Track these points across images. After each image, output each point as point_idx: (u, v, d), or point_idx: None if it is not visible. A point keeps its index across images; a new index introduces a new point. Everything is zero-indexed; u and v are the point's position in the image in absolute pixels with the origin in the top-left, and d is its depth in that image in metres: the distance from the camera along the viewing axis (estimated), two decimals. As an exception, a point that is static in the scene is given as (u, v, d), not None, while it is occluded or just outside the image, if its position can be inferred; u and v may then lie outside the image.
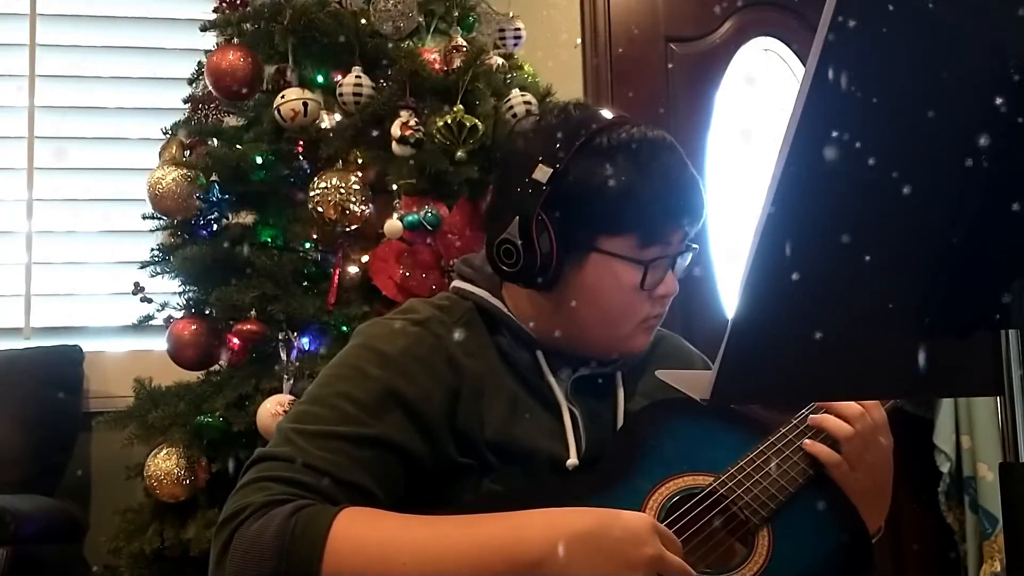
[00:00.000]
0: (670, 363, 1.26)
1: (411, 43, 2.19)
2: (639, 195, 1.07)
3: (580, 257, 1.10)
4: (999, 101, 0.60)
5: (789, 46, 3.00)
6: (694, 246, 1.15)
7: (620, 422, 1.16)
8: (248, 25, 2.16)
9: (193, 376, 2.10)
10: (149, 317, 2.17)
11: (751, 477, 1.08)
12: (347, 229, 2.02)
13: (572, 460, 1.10)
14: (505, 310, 1.15)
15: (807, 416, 1.14)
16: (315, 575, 0.90)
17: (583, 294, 1.11)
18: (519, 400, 1.11)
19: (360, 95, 2.07)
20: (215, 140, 2.19)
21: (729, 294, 2.86)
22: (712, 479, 1.08)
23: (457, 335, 1.11)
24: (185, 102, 2.30)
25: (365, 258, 2.04)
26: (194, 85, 2.31)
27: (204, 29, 2.24)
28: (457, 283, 1.20)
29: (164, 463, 1.94)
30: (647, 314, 1.13)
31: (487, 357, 1.12)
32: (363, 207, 2.00)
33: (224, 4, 2.20)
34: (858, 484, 1.11)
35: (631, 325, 1.13)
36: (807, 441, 1.12)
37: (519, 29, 2.39)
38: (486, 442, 1.06)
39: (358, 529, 0.93)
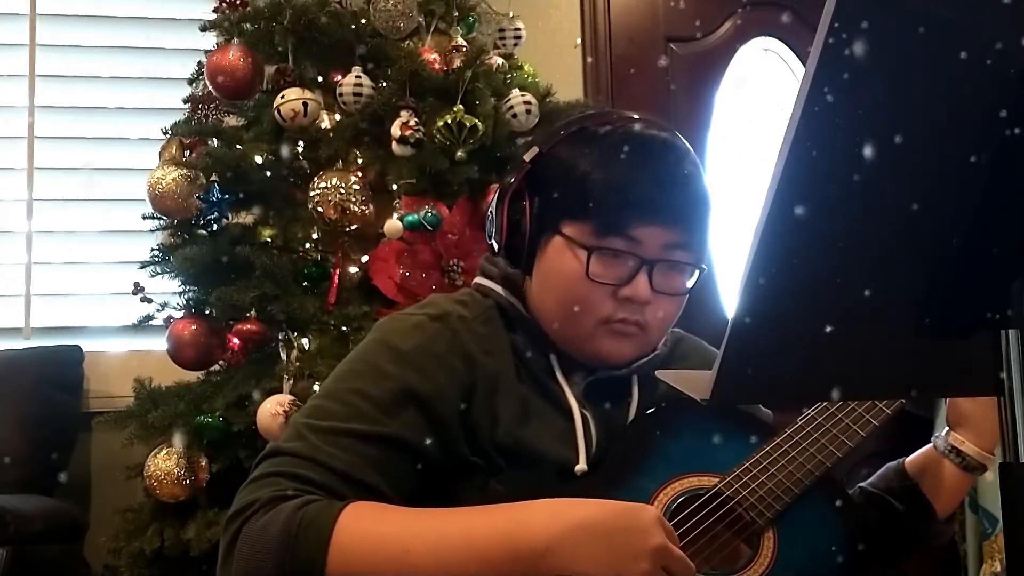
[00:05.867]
0: (688, 365, 1.23)
1: (411, 43, 2.19)
2: (598, 180, 1.07)
3: (547, 240, 1.10)
4: (999, 101, 0.60)
5: (789, 46, 3.00)
6: (702, 267, 1.10)
7: None
8: (248, 25, 2.16)
9: (193, 376, 2.10)
10: (149, 317, 2.17)
11: (756, 478, 1.07)
12: (347, 229, 2.02)
13: (581, 466, 1.07)
14: (522, 310, 1.14)
15: (812, 418, 1.14)
16: (320, 568, 0.90)
17: (543, 279, 1.11)
18: (531, 402, 1.09)
19: (360, 95, 2.07)
20: (215, 140, 2.19)
21: (729, 294, 2.86)
22: (717, 480, 1.07)
23: (475, 331, 1.10)
24: (185, 102, 2.30)
25: (365, 258, 2.05)
26: (194, 85, 2.31)
27: (204, 29, 2.24)
28: (479, 279, 1.20)
29: (164, 463, 1.95)
30: (609, 314, 1.07)
31: (503, 356, 1.11)
32: (363, 207, 2.01)
33: (224, 4, 2.21)
34: None
35: (589, 322, 1.08)
36: None
37: (519, 29, 2.39)
38: (495, 443, 1.06)
39: (363, 522, 0.93)
